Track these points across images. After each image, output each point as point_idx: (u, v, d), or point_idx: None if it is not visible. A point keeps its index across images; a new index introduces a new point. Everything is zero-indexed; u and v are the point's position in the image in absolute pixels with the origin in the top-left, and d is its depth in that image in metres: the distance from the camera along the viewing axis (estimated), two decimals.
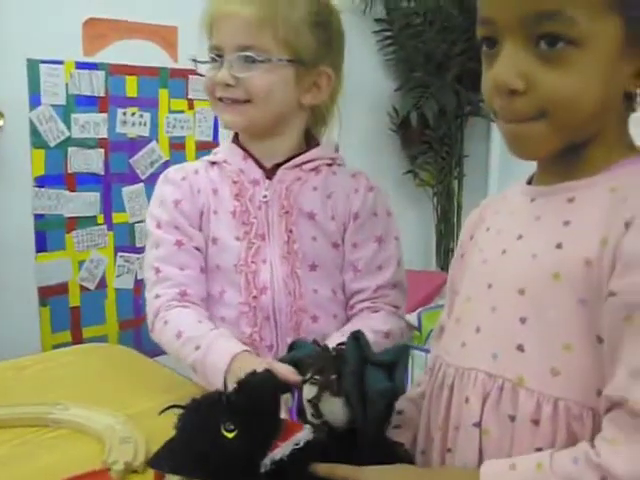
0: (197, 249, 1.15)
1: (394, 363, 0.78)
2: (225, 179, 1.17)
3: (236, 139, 1.20)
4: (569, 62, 0.67)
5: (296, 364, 0.84)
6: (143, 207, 2.37)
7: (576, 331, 0.68)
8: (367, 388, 0.75)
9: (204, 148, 2.48)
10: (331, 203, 1.17)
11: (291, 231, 1.14)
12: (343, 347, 0.79)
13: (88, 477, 0.78)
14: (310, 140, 1.21)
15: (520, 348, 0.71)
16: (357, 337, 0.78)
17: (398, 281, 1.19)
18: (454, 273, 0.91)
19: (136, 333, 2.38)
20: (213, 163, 1.20)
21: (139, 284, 2.40)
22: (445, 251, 2.85)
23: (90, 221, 2.29)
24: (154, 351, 1.35)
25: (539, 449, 0.68)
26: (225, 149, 1.21)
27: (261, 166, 1.17)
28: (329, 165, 1.20)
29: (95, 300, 2.33)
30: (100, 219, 2.30)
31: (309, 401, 0.77)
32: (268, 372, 0.75)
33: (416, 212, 2.85)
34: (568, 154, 0.73)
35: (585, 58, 0.67)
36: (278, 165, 1.17)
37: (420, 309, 2.38)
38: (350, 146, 1.47)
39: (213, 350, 1.04)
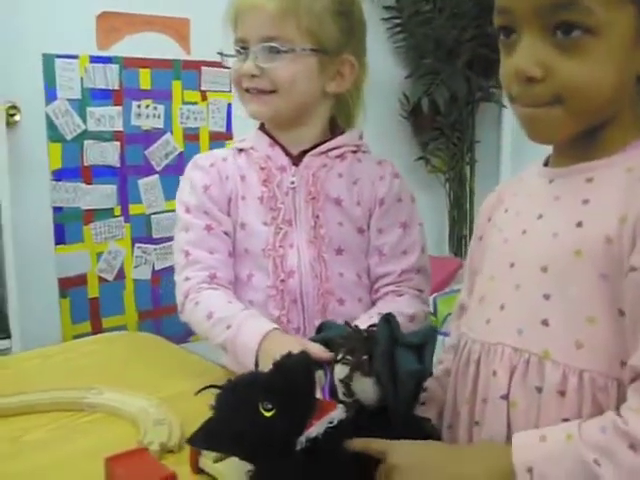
0: (226, 233, 1.18)
1: (423, 345, 0.80)
2: (253, 165, 1.20)
3: (263, 127, 1.22)
4: (585, 50, 0.69)
5: (327, 344, 0.87)
6: (159, 198, 2.40)
7: (598, 305, 0.70)
8: (397, 369, 0.77)
9: (218, 139, 2.50)
10: (357, 189, 1.19)
11: (318, 216, 1.17)
12: (374, 329, 0.81)
13: (129, 455, 0.80)
14: (335, 128, 1.23)
15: (545, 323, 0.74)
16: (388, 319, 0.80)
17: (422, 266, 1.21)
18: (473, 254, 0.94)
19: (155, 322, 2.41)
20: (240, 150, 1.22)
21: (157, 275, 2.43)
22: (458, 237, 2.86)
23: (107, 213, 2.32)
24: (173, 339, 1.38)
25: (566, 419, 0.70)
26: (252, 137, 1.23)
27: (287, 153, 1.19)
28: (354, 152, 1.22)
29: (114, 291, 2.36)
30: (117, 211, 2.33)
31: (341, 381, 0.79)
32: (303, 353, 0.77)
33: (428, 198, 2.86)
34: (584, 137, 0.75)
35: (600, 46, 0.69)
36: (304, 152, 1.19)
37: (435, 294, 2.40)
38: None
39: (244, 329, 1.06)
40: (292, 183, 1.18)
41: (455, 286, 2.49)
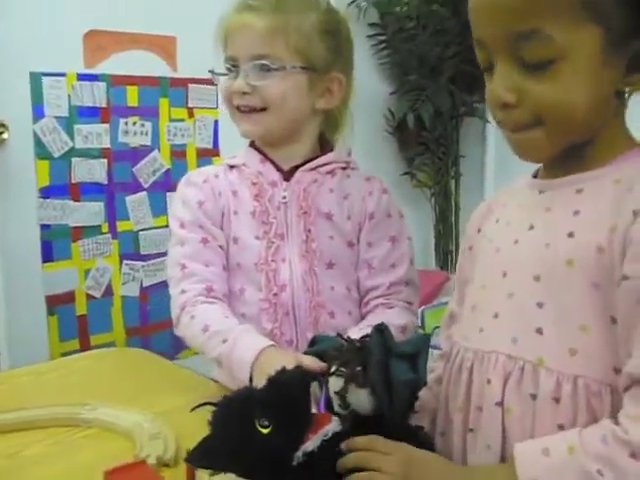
0: (220, 247, 1.20)
1: (416, 354, 0.81)
2: (244, 181, 1.22)
3: (253, 144, 1.24)
4: (554, 73, 0.72)
5: (320, 357, 0.88)
6: (146, 215, 2.41)
7: (591, 313, 0.72)
8: (392, 378, 0.78)
9: (205, 155, 2.52)
10: (347, 204, 1.21)
11: (309, 230, 1.19)
12: (366, 339, 0.83)
13: (128, 468, 0.81)
14: (324, 144, 1.26)
15: (539, 331, 0.76)
16: (381, 329, 0.81)
17: (410, 279, 1.23)
18: (463, 264, 0.96)
19: (143, 339, 2.41)
20: (232, 167, 1.25)
21: (144, 291, 2.43)
22: (444, 251, 2.88)
23: (95, 230, 2.32)
24: (162, 356, 1.38)
25: (561, 425, 0.72)
26: (243, 153, 1.25)
27: (278, 169, 1.22)
28: (343, 169, 1.24)
29: (102, 308, 2.36)
30: (105, 228, 2.33)
31: (336, 393, 0.80)
32: (298, 368, 0.78)
33: (414, 213, 2.88)
34: (572, 150, 0.78)
35: (569, 68, 0.72)
36: (295, 168, 1.21)
37: (422, 307, 2.42)
38: None
39: (240, 344, 1.07)
40: (284, 198, 1.20)
41: (442, 299, 2.51)
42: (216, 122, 2.53)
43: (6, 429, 1.00)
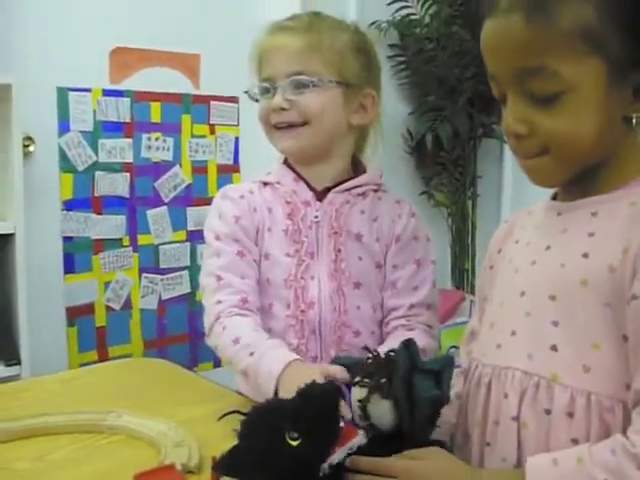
0: (255, 261, 1.22)
1: (441, 371, 0.83)
2: (278, 199, 1.24)
3: (287, 161, 1.27)
4: (562, 106, 0.76)
5: (346, 369, 0.90)
6: (167, 229, 2.44)
7: (603, 331, 0.75)
8: (415, 393, 0.80)
9: (225, 171, 2.55)
10: (377, 226, 1.24)
11: (339, 250, 1.21)
12: (392, 354, 0.85)
13: (157, 472, 0.83)
14: (356, 164, 1.28)
15: (554, 348, 0.78)
16: (407, 345, 0.83)
17: (432, 302, 1.25)
18: (483, 283, 0.98)
19: (160, 352, 2.43)
20: (265, 184, 1.27)
21: (163, 304, 2.46)
22: (460, 270, 2.89)
23: (116, 243, 2.35)
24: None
25: (575, 440, 0.74)
26: (277, 171, 1.28)
27: (311, 188, 1.24)
28: (375, 191, 1.27)
29: (120, 320, 2.38)
30: (126, 241, 2.36)
31: (359, 401, 0.82)
32: (330, 382, 0.80)
33: (431, 232, 2.86)
34: (587, 174, 0.81)
35: (575, 100, 0.76)
36: (327, 188, 1.24)
37: (439, 326, 2.42)
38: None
39: (267, 357, 1.09)
40: (316, 217, 1.22)
41: (458, 319, 2.52)
42: (237, 139, 2.56)
43: (32, 434, 1.02)
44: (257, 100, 1.24)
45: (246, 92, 1.25)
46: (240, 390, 1.20)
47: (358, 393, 0.83)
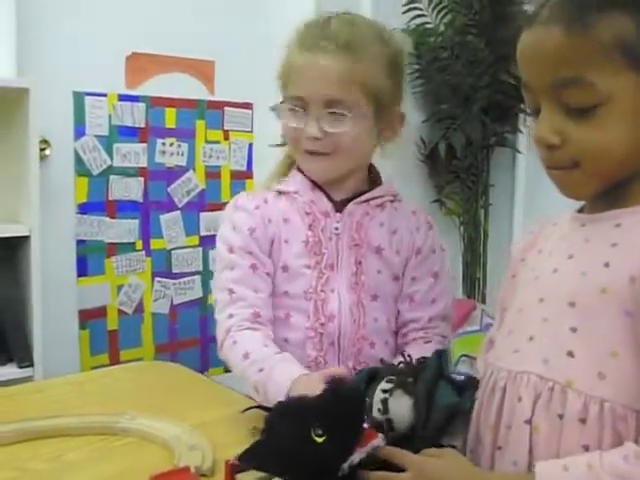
0: (268, 275, 1.21)
1: (464, 386, 0.84)
2: (296, 209, 1.23)
3: (300, 168, 1.25)
4: (596, 118, 0.76)
5: (373, 376, 0.90)
6: (179, 234, 2.45)
7: (622, 340, 0.75)
8: (436, 398, 0.81)
9: (239, 177, 2.56)
10: (396, 238, 1.24)
11: (360, 263, 1.21)
12: (422, 361, 0.86)
13: (173, 474, 0.83)
14: (373, 174, 1.28)
15: (570, 354, 0.78)
16: (440, 354, 0.85)
17: (447, 314, 1.26)
18: (504, 292, 0.99)
19: (171, 356, 2.44)
20: (280, 193, 1.25)
21: (175, 309, 2.47)
22: (472, 279, 2.89)
23: (129, 247, 2.36)
24: None
25: (586, 446, 0.74)
26: (294, 180, 1.26)
27: (330, 198, 1.23)
28: (391, 202, 1.27)
29: (132, 324, 2.39)
30: (139, 245, 2.38)
31: (382, 392, 0.83)
32: (357, 383, 0.81)
33: (443, 241, 2.90)
34: (615, 188, 0.81)
35: (609, 113, 0.76)
36: (346, 199, 1.23)
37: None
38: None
39: (275, 373, 1.08)
40: (336, 229, 1.21)
41: (469, 327, 2.52)
42: (250, 145, 2.58)
43: (46, 435, 1.03)
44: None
45: (273, 109, 1.22)
46: (251, 395, 1.20)
47: (383, 385, 0.84)
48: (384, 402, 0.83)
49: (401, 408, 0.83)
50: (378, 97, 1.17)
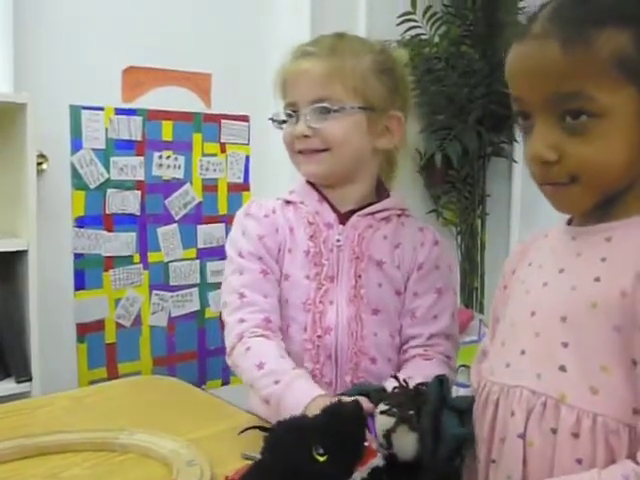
0: (276, 281, 1.21)
1: (466, 410, 0.84)
2: (301, 219, 1.23)
3: (309, 180, 1.26)
4: (593, 133, 0.76)
5: (366, 396, 0.90)
6: (177, 247, 2.45)
7: (612, 355, 0.75)
8: (442, 429, 0.81)
9: (235, 190, 2.57)
10: (398, 252, 1.23)
11: (360, 276, 1.20)
12: (421, 387, 0.85)
13: None
14: (380, 187, 1.28)
15: (562, 369, 0.78)
16: (441, 380, 0.84)
17: (451, 332, 1.24)
18: (496, 303, 0.99)
19: (169, 369, 2.44)
20: (288, 202, 1.26)
21: (172, 322, 2.47)
22: (470, 289, 2.89)
23: (127, 260, 2.36)
24: None
25: (579, 460, 0.74)
26: (300, 190, 1.27)
27: (335, 210, 1.23)
28: (399, 216, 1.26)
29: (130, 337, 2.39)
30: (136, 258, 2.38)
31: (387, 430, 0.82)
32: (356, 402, 0.81)
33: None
34: (604, 201, 0.81)
35: (607, 128, 0.76)
36: (351, 211, 1.23)
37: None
38: None
39: (293, 388, 1.07)
40: (338, 241, 1.21)
41: (467, 338, 2.52)
42: (247, 158, 2.58)
43: (45, 451, 1.03)
44: (282, 123, 1.23)
45: (271, 119, 1.25)
46: (252, 410, 1.20)
47: (385, 421, 0.83)
48: (387, 437, 0.82)
49: (406, 443, 0.81)
50: (366, 97, 1.18)
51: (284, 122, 1.23)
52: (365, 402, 0.88)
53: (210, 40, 2.44)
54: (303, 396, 1.05)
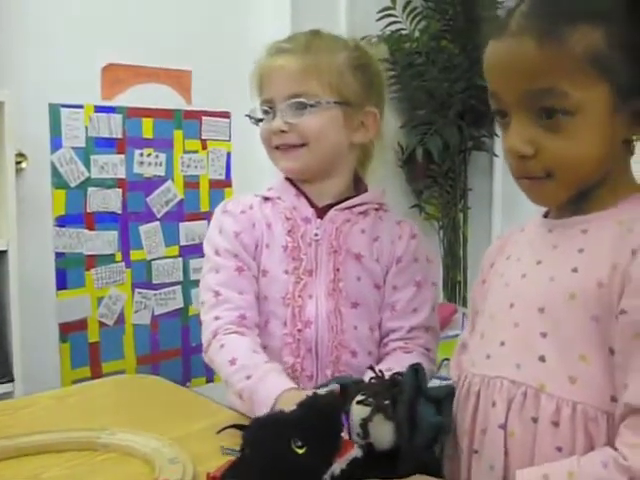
0: (254, 277, 1.22)
1: (443, 400, 0.85)
2: (278, 215, 1.24)
3: (288, 177, 1.27)
4: (568, 128, 0.78)
5: (342, 388, 0.90)
6: (159, 245, 2.45)
7: (590, 344, 0.77)
8: (418, 418, 0.81)
9: (217, 186, 2.56)
10: (377, 246, 1.24)
11: (338, 270, 1.21)
12: (397, 377, 0.86)
13: None
14: (358, 182, 1.29)
15: (541, 359, 0.80)
16: (416, 369, 0.85)
17: (431, 325, 1.25)
18: (475, 296, 1.00)
19: (153, 367, 2.43)
20: (266, 199, 1.27)
21: (156, 320, 2.46)
22: (452, 283, 2.90)
23: (109, 259, 2.35)
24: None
25: (559, 448, 0.76)
26: (278, 186, 1.28)
27: (312, 205, 1.24)
28: (376, 210, 1.27)
29: (114, 335, 2.38)
30: (118, 257, 2.37)
31: (362, 419, 0.83)
32: (333, 394, 0.81)
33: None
34: (579, 194, 0.83)
35: (581, 124, 0.77)
36: (329, 205, 1.24)
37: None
38: None
39: (264, 382, 1.09)
40: (316, 235, 1.22)
41: (450, 332, 2.53)
42: (229, 154, 2.58)
43: (26, 452, 1.03)
44: (259, 122, 1.24)
45: (248, 115, 1.25)
46: (233, 406, 1.20)
47: (361, 411, 0.83)
48: (363, 426, 0.82)
49: (382, 432, 0.82)
50: (342, 92, 1.20)
51: (260, 120, 1.24)
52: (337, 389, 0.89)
53: (190, 36, 2.43)
54: (274, 389, 1.06)
